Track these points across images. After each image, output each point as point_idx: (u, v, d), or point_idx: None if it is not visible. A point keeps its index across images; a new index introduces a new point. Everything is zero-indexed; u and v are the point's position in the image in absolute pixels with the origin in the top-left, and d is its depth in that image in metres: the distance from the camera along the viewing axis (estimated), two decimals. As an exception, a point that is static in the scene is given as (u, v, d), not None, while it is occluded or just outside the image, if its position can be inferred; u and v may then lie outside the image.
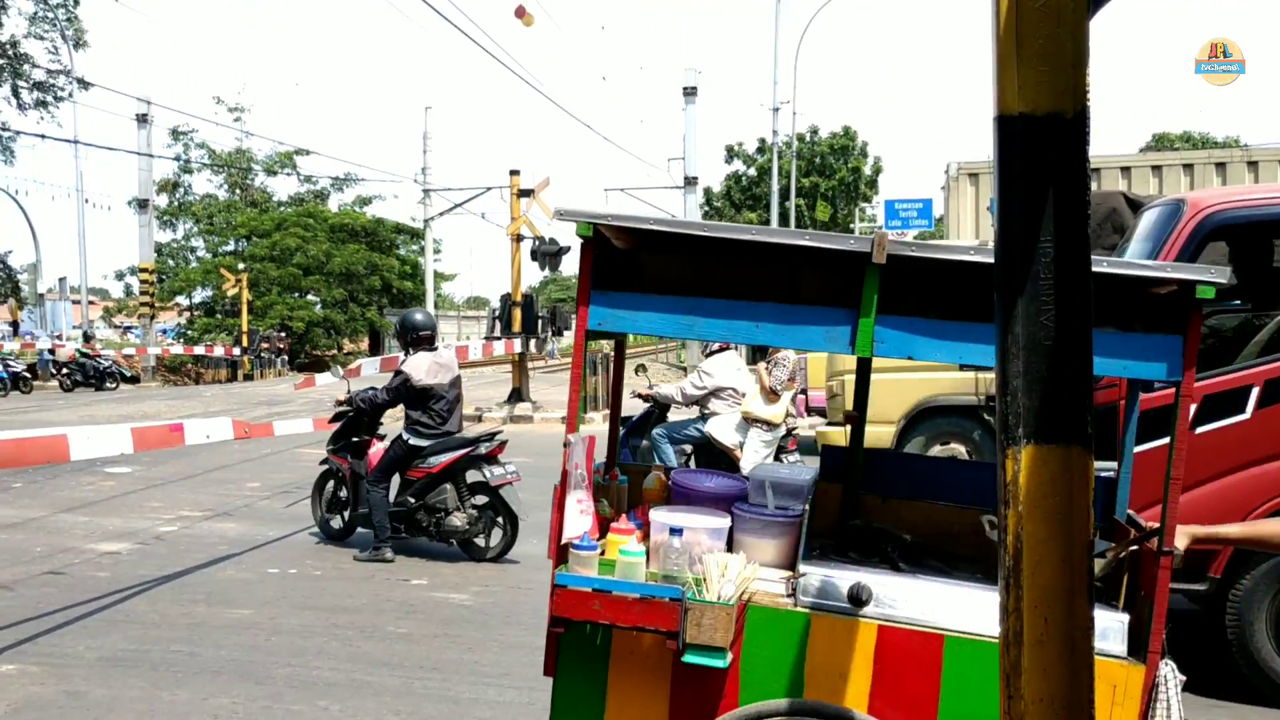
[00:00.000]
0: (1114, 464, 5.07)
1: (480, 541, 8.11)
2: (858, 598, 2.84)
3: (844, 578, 2.89)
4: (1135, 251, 5.62)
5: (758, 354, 12.64)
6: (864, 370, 3.88)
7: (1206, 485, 5.04)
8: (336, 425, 8.58)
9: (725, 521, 3.07)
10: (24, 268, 40.23)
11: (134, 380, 32.03)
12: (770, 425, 8.48)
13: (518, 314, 18.91)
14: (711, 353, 8.96)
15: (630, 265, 3.52)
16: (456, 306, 64.02)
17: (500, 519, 8.09)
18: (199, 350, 35.71)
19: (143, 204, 36.05)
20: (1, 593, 6.93)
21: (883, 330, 2.81)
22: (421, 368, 7.99)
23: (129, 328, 52.09)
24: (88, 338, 34.53)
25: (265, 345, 36.85)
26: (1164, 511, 2.74)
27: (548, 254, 18.87)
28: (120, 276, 48.00)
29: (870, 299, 2.80)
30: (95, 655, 5.67)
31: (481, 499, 8.10)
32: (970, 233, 13.35)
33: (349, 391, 8.44)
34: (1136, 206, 8.16)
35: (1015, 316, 2.05)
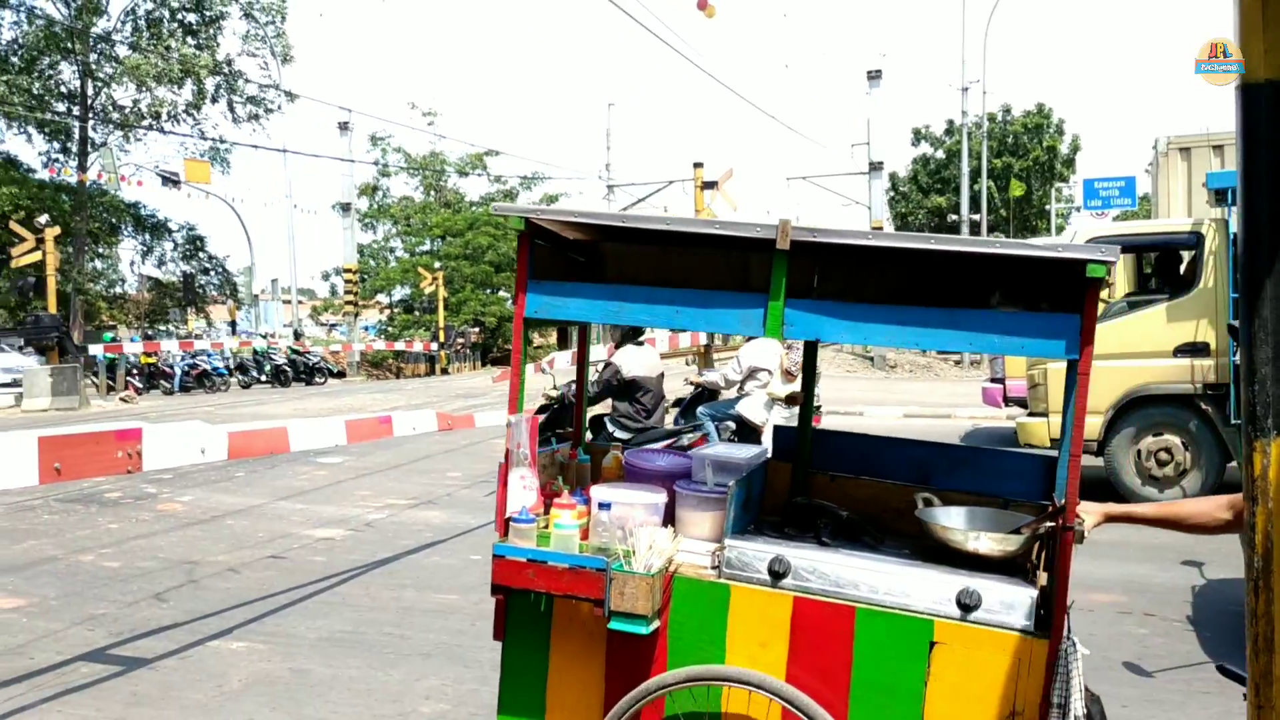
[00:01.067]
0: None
1: None
2: (776, 570, 2.95)
3: (767, 551, 3.00)
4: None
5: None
6: (810, 354, 4.04)
7: None
8: (541, 418, 8.81)
9: (661, 497, 3.18)
10: (241, 271, 43.08)
11: (340, 375, 33.84)
12: (790, 402, 8.81)
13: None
14: (750, 338, 8.98)
15: (593, 256, 3.75)
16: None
17: None
18: (399, 346, 37.40)
19: (345, 207, 38.06)
20: (229, 575, 7.43)
21: (792, 313, 2.92)
22: (631, 360, 8.10)
23: (334, 325, 55.03)
24: (298, 335, 36.69)
25: (460, 340, 38.26)
26: (1065, 489, 2.77)
27: (732, 245, 18.78)
28: (325, 277, 50.90)
29: (779, 283, 2.93)
30: (315, 635, 6.01)
31: None
32: (1182, 210, 12.56)
33: (555, 385, 8.65)
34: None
35: (1263, 299, 1.90)
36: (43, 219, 25.35)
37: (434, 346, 37.07)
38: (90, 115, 34.39)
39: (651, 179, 47.27)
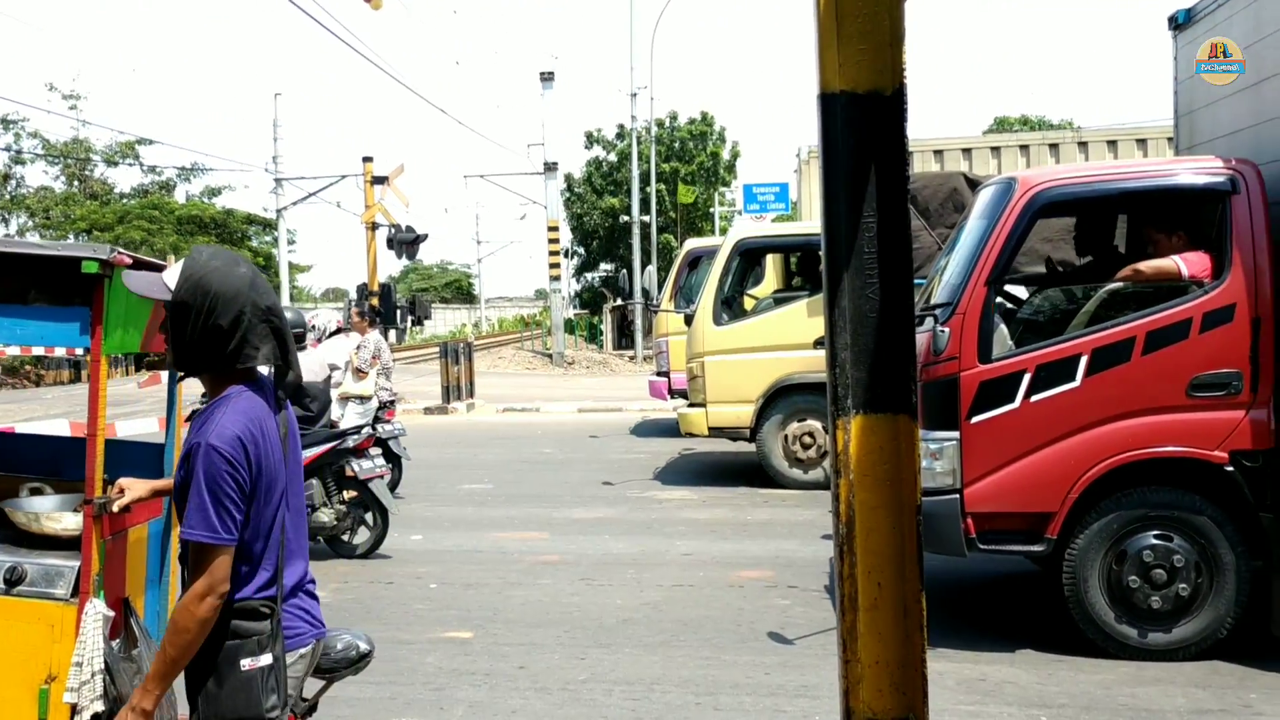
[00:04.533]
0: (955, 433, 5.28)
1: (348, 538, 7.95)
2: None
3: None
4: (972, 229, 5.83)
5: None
6: None
7: (1043, 450, 5.26)
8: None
9: None
10: None
11: (-34, 384, 30.24)
12: (362, 399, 9.60)
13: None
14: (319, 340, 9.37)
15: None
16: (313, 299, 62.46)
17: (370, 514, 7.95)
18: (38, 350, 33.88)
19: (-31, 198, 34.02)
20: None
21: None
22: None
23: (-41, 329, 49.05)
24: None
25: (110, 344, 35.20)
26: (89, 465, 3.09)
27: (404, 242, 18.56)
28: (-53, 275, 45.14)
29: None
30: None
31: (350, 494, 7.93)
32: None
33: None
34: (975, 186, 8.48)
35: (842, 291, 2.09)
36: None
37: (80, 351, 33.90)
38: None
39: (323, 173, 45.51)
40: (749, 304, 11.52)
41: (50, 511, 3.35)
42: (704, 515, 9.31)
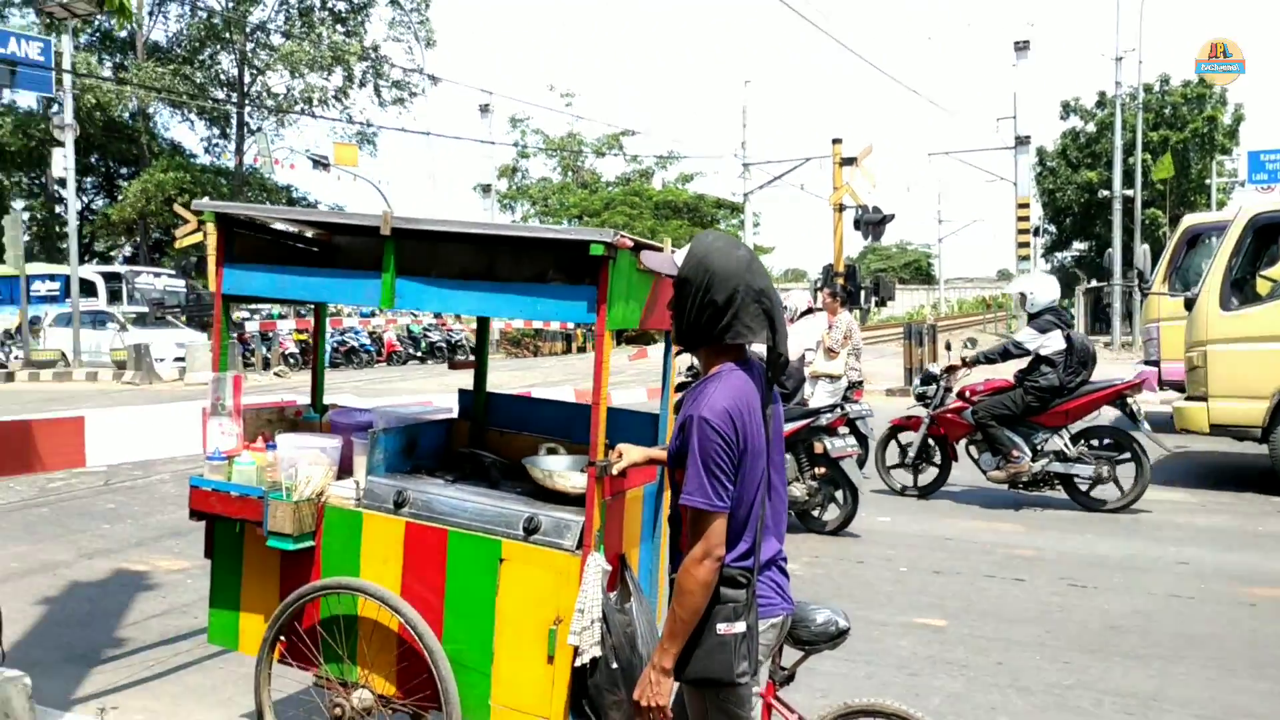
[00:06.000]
0: None
1: (818, 513, 8.13)
2: (398, 501, 3.57)
3: (394, 486, 3.62)
4: None
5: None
6: (482, 328, 4.77)
7: None
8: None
9: (330, 442, 3.80)
10: (387, 251, 44.23)
11: (479, 353, 34.53)
12: (833, 378, 9.82)
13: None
14: (792, 320, 9.30)
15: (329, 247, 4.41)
16: (775, 279, 64.41)
17: (840, 491, 8.07)
18: (538, 324, 37.96)
19: (486, 189, 38.80)
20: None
21: (403, 287, 3.48)
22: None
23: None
24: (438, 314, 37.54)
25: (596, 319, 38.59)
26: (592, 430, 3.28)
27: (871, 222, 18.49)
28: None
29: (389, 262, 3.48)
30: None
31: (820, 471, 8.09)
32: (1360, 183, 11.76)
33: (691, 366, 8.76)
34: None
35: None
36: (204, 201, 26.60)
37: (571, 325, 37.48)
38: (247, 102, 35.90)
39: (788, 156, 46.50)
40: (1264, 287, 10.21)
41: (561, 470, 3.70)
42: (1203, 521, 8.42)
